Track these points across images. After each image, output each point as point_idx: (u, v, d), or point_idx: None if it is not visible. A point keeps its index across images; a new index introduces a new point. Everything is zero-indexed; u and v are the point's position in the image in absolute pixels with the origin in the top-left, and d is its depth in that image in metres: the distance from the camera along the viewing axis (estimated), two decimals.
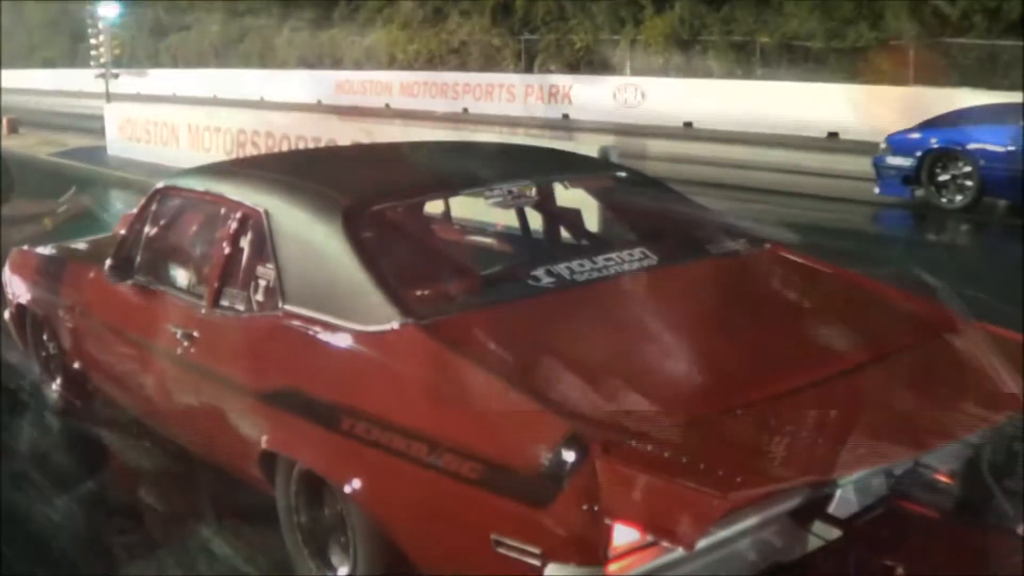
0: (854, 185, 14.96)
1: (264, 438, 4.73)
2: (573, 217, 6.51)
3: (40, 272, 7.25)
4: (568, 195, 6.26)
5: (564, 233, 6.33)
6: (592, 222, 6.41)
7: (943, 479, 4.10)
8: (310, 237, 4.86)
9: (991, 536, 3.83)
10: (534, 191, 6.05)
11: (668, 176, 17.91)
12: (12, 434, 7.18)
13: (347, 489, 4.27)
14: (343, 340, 4.45)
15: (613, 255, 5.04)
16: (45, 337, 7.23)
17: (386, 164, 6.33)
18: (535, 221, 6.40)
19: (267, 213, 5.04)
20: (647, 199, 6.02)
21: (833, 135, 22.86)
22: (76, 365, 6.81)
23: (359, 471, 4.22)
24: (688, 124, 27.08)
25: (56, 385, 7.30)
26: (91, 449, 6.90)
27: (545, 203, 6.21)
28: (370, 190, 5.27)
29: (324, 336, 4.54)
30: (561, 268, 4.82)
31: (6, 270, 7.66)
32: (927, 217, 14.03)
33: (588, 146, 13.03)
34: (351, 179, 5.60)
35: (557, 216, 6.35)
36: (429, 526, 4.09)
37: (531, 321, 4.49)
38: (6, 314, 7.75)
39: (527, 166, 6.15)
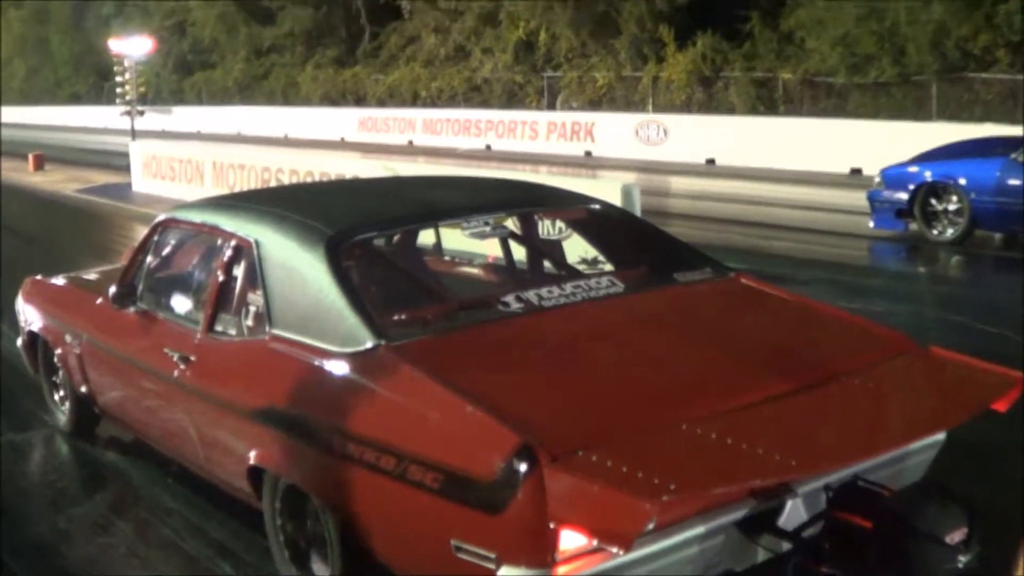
0: None
1: (252, 454, 5.04)
2: (552, 248, 6.97)
3: (51, 300, 7.62)
4: None
5: (544, 262, 6.59)
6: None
7: (881, 492, 4.34)
8: (296, 265, 5.15)
9: (923, 545, 4.02)
10: (513, 222, 6.40)
11: (690, 213, 18.12)
12: (22, 454, 7.42)
13: (324, 501, 4.58)
14: (322, 361, 4.75)
15: (581, 282, 5.36)
16: (55, 361, 7.46)
17: (370, 197, 6.69)
18: (520, 252, 6.65)
19: (257, 243, 5.38)
20: (618, 230, 6.45)
21: (856, 171, 22.77)
22: (83, 388, 7.05)
23: (335, 483, 4.51)
24: (711, 161, 27.03)
25: (64, 407, 7.56)
26: (97, 468, 7.15)
27: (525, 234, 6.54)
28: (353, 221, 5.59)
29: (305, 358, 4.85)
30: (530, 295, 5.15)
31: (20, 298, 8.00)
32: (919, 249, 14.19)
33: (610, 183, 13.03)
34: (336, 211, 5.89)
35: (537, 246, 6.64)
36: (398, 534, 4.38)
37: (496, 343, 4.85)
38: (19, 340, 8.07)
39: (504, 199, 6.47)
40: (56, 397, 7.68)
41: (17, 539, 6.02)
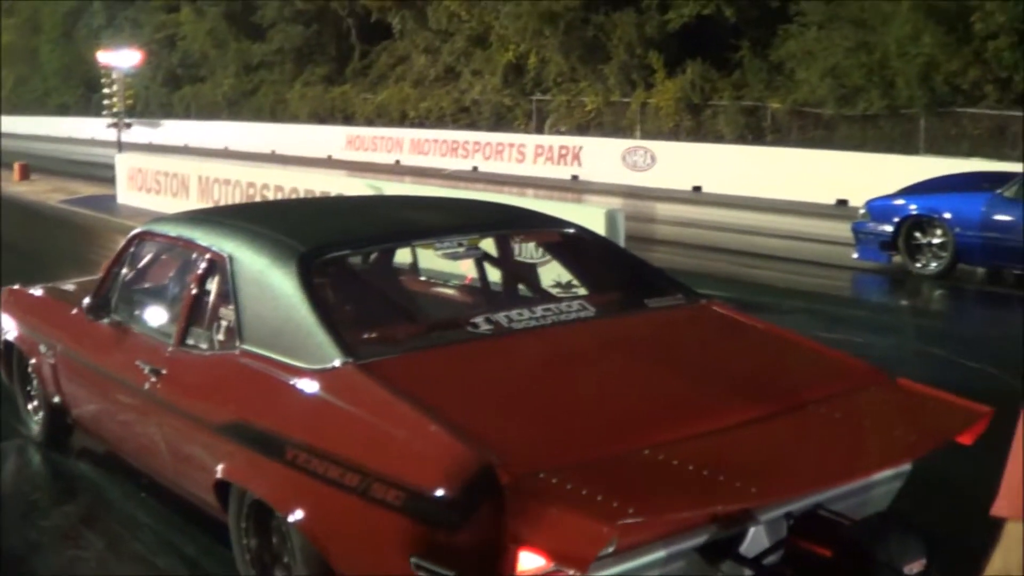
0: None
1: (219, 468, 5.02)
2: (526, 270, 7.06)
3: (27, 310, 7.60)
4: None
5: (517, 285, 6.63)
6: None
7: (842, 521, 4.36)
8: (268, 281, 5.18)
9: (881, 575, 4.05)
10: (490, 243, 6.39)
11: (675, 240, 18.14)
12: None
13: (288, 516, 4.54)
14: (291, 377, 4.76)
15: (552, 306, 5.41)
16: (29, 371, 7.44)
17: (346, 215, 6.75)
18: (496, 274, 6.70)
19: (231, 258, 5.41)
20: (592, 255, 6.47)
21: (842, 202, 22.81)
22: (57, 399, 7.03)
23: (299, 499, 4.51)
24: (697, 188, 27.02)
25: (38, 418, 7.51)
26: (69, 480, 7.10)
27: (500, 256, 6.54)
28: (326, 239, 5.65)
29: (274, 373, 4.87)
30: (500, 316, 5.19)
31: None
32: (902, 281, 14.23)
33: (595, 208, 13.03)
34: (310, 228, 5.94)
35: (511, 269, 6.69)
36: (359, 550, 4.37)
37: (463, 363, 4.88)
38: None
39: (479, 220, 6.48)
40: (30, 407, 7.63)
41: None
